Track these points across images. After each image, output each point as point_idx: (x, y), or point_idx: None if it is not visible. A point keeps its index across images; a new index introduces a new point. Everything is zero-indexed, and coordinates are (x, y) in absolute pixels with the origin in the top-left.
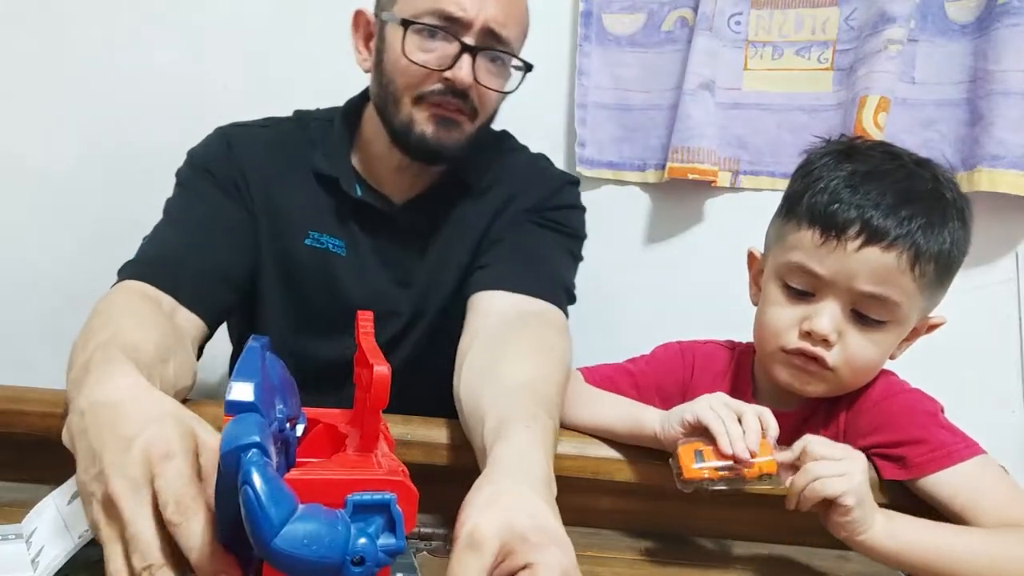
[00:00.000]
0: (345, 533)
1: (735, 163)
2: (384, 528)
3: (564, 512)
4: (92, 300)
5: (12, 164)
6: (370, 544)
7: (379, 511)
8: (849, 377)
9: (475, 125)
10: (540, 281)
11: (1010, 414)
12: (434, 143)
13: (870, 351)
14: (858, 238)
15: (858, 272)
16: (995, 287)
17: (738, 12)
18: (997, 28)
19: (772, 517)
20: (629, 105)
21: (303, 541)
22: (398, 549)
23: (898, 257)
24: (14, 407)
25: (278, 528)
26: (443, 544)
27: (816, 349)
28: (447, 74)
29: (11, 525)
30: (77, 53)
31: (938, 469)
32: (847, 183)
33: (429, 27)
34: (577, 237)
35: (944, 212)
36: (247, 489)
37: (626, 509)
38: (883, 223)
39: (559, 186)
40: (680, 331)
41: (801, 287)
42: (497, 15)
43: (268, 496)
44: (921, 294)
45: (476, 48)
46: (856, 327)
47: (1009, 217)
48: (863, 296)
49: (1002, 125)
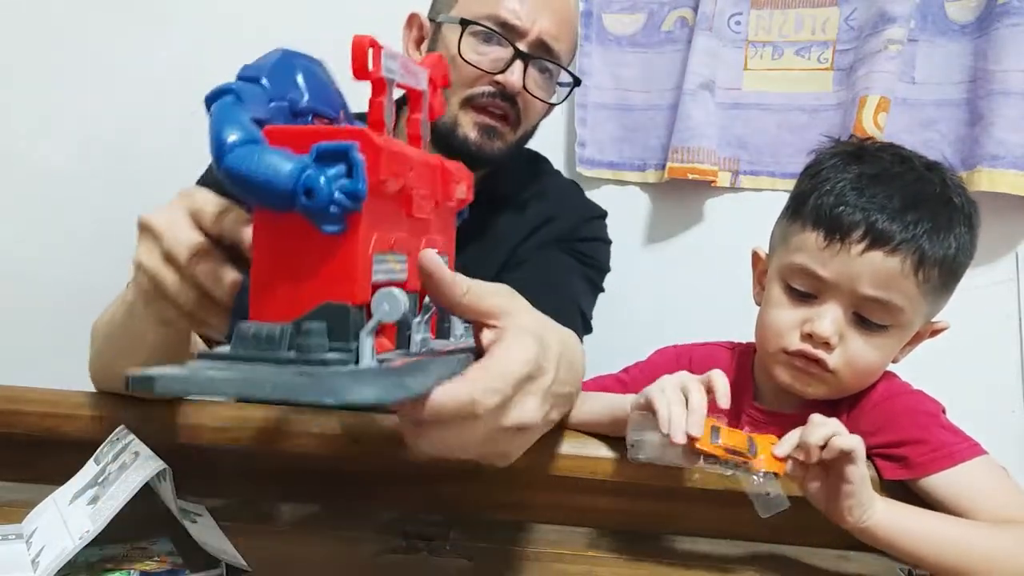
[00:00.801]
0: (299, 166)
1: (735, 163)
2: (344, 174)
3: (564, 512)
4: (92, 300)
5: (12, 164)
6: (321, 178)
7: (341, 158)
8: (850, 380)
9: (516, 135)
10: (555, 305)
11: (1010, 414)
12: (475, 149)
13: (871, 355)
14: (862, 241)
15: (861, 275)
16: (995, 287)
17: (738, 12)
18: (997, 28)
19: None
20: (629, 105)
21: (253, 164)
22: (355, 189)
23: (902, 262)
24: (14, 407)
25: (229, 148)
26: (443, 544)
27: (817, 352)
28: (498, 77)
29: (11, 525)
30: (77, 52)
31: (940, 469)
32: (854, 185)
33: (486, 30)
34: (600, 269)
35: (951, 217)
36: (209, 116)
37: (625, 509)
38: (888, 227)
39: (589, 218)
40: (680, 331)
41: (804, 289)
42: (551, 28)
43: (223, 120)
44: (924, 299)
45: (528, 56)
46: (858, 331)
47: (1009, 217)
48: (866, 300)
49: (1002, 125)
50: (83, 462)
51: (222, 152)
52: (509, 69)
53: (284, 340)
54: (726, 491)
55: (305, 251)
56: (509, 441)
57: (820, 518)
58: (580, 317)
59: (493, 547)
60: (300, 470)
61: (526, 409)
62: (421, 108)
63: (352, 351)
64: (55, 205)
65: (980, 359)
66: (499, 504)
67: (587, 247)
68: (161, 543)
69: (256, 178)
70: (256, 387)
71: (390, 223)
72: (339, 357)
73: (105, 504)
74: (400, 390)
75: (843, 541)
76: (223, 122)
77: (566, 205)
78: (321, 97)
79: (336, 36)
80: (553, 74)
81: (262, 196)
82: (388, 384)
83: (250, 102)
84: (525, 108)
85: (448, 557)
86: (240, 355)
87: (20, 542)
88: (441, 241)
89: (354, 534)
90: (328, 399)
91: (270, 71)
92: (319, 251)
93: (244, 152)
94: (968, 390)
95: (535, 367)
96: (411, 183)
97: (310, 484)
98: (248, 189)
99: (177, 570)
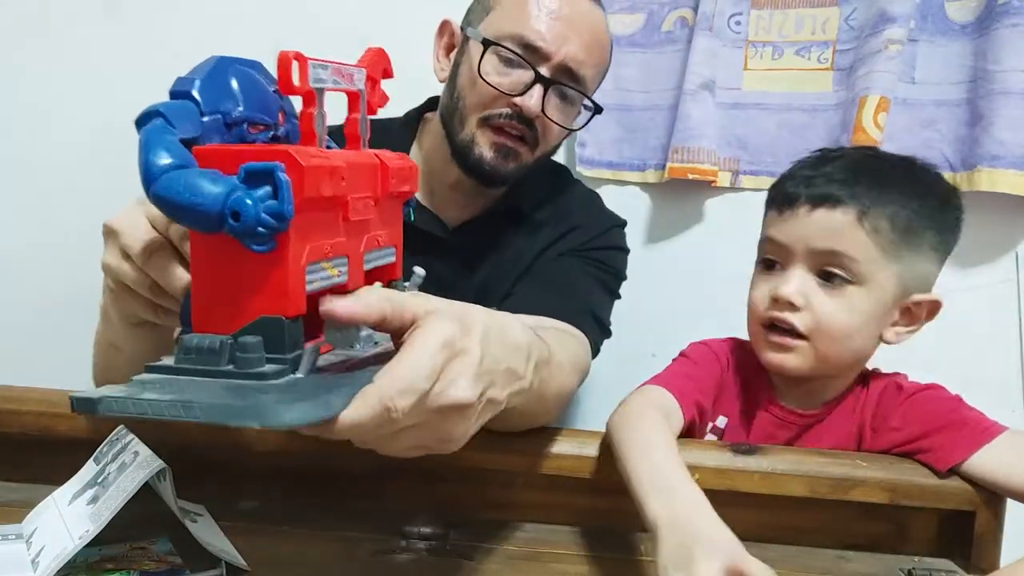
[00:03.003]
0: (226, 189)
1: (735, 163)
2: (271, 195)
3: (562, 512)
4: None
5: (12, 164)
6: (247, 201)
7: (267, 179)
8: (827, 347)
9: (534, 156)
10: (568, 308)
11: (1010, 414)
12: (489, 168)
13: (841, 315)
14: (807, 204)
15: (812, 233)
16: (995, 287)
17: (738, 12)
18: (997, 28)
19: (772, 517)
20: (629, 105)
21: (181, 189)
22: (280, 211)
23: (844, 213)
24: (12, 407)
25: (157, 175)
26: (443, 544)
27: (784, 315)
28: (516, 100)
29: (11, 525)
30: (78, 52)
31: (970, 452)
32: (807, 165)
33: (509, 52)
34: (617, 276)
35: (903, 181)
36: (139, 142)
37: (625, 509)
38: (827, 188)
39: (608, 227)
40: (679, 331)
41: (770, 256)
42: (577, 54)
43: (150, 146)
44: (883, 254)
45: (549, 80)
46: (824, 291)
47: (1009, 217)
48: (821, 255)
49: (1002, 125)
50: (82, 462)
51: (150, 179)
52: (528, 93)
53: (224, 353)
54: (726, 491)
55: (239, 268)
56: (450, 426)
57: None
58: (594, 321)
59: (493, 547)
60: (300, 470)
61: (457, 389)
62: (359, 108)
63: (287, 362)
64: (54, 205)
65: (980, 359)
66: (498, 504)
67: (604, 255)
68: (161, 543)
69: (184, 203)
70: (188, 411)
71: (325, 231)
72: (275, 369)
73: (105, 504)
74: (324, 409)
75: (843, 541)
76: (150, 148)
77: (586, 216)
78: (257, 104)
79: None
80: (576, 99)
81: (192, 220)
82: (311, 406)
83: (181, 120)
84: (544, 131)
85: (447, 557)
86: (183, 367)
87: (20, 542)
88: (385, 235)
89: (354, 534)
90: (253, 423)
91: (203, 82)
92: (252, 268)
93: (172, 177)
94: (968, 390)
95: (452, 349)
96: (344, 190)
97: (310, 484)
98: (178, 214)
99: (177, 570)
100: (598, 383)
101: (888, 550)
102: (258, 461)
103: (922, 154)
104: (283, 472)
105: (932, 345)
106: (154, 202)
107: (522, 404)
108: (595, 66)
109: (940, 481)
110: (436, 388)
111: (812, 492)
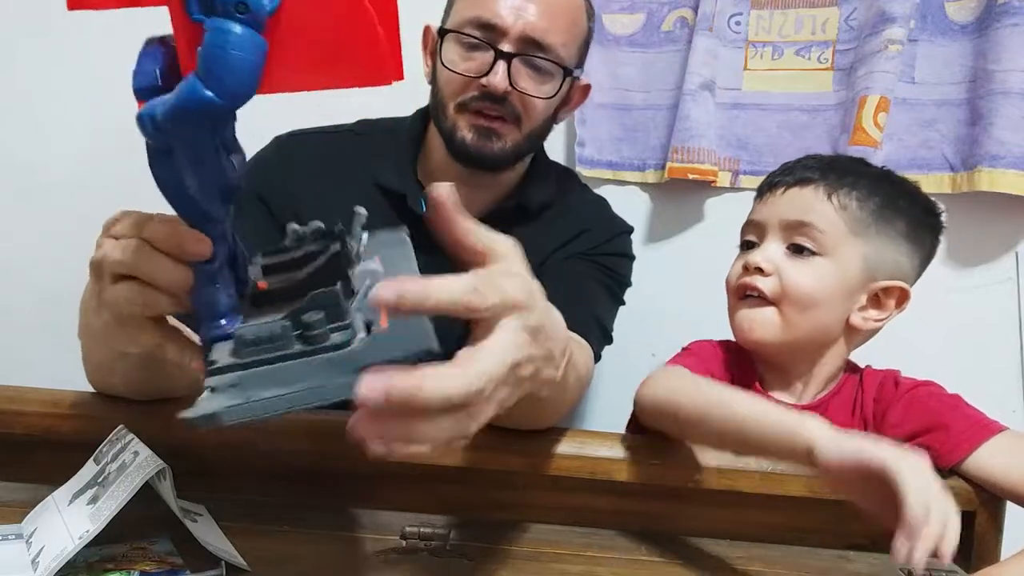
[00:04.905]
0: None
1: (735, 163)
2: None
3: (564, 512)
4: None
5: (12, 164)
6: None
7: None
8: (791, 313)
9: (522, 132)
10: (575, 315)
11: (1010, 414)
12: (474, 150)
13: (806, 280)
14: (784, 186)
15: (784, 208)
16: (995, 287)
17: (738, 12)
18: (997, 28)
19: (772, 517)
20: (629, 105)
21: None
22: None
23: (815, 190)
24: (13, 407)
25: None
26: (443, 544)
27: (753, 279)
28: (483, 80)
29: (11, 525)
30: (78, 53)
31: (971, 450)
32: (791, 161)
33: (466, 37)
34: (622, 283)
35: (876, 175)
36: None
37: (626, 509)
38: (804, 173)
39: (618, 233)
40: (679, 331)
41: (749, 237)
42: (538, 21)
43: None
44: (850, 231)
45: (510, 55)
46: (792, 260)
47: (1009, 217)
48: (791, 226)
49: (1002, 125)
50: (82, 462)
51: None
52: (493, 71)
53: (289, 335)
54: (727, 491)
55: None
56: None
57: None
58: (599, 330)
59: (493, 547)
60: (300, 470)
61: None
62: None
63: (348, 327)
64: (55, 205)
65: (980, 359)
66: (499, 504)
67: (613, 261)
68: (161, 543)
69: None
70: (319, 394)
71: None
72: (343, 337)
73: (105, 504)
74: (424, 341)
75: (843, 541)
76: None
77: (596, 220)
78: None
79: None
80: (550, 68)
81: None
82: (410, 341)
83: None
84: (524, 106)
85: (448, 557)
86: (251, 361)
87: (20, 542)
88: None
89: (354, 534)
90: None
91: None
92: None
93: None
94: (968, 390)
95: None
96: None
97: (310, 484)
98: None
99: (177, 570)
100: (598, 383)
101: (888, 550)
102: (258, 461)
103: (922, 154)
104: (283, 472)
105: (932, 345)
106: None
107: (550, 396)
108: (563, 31)
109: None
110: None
111: (812, 492)
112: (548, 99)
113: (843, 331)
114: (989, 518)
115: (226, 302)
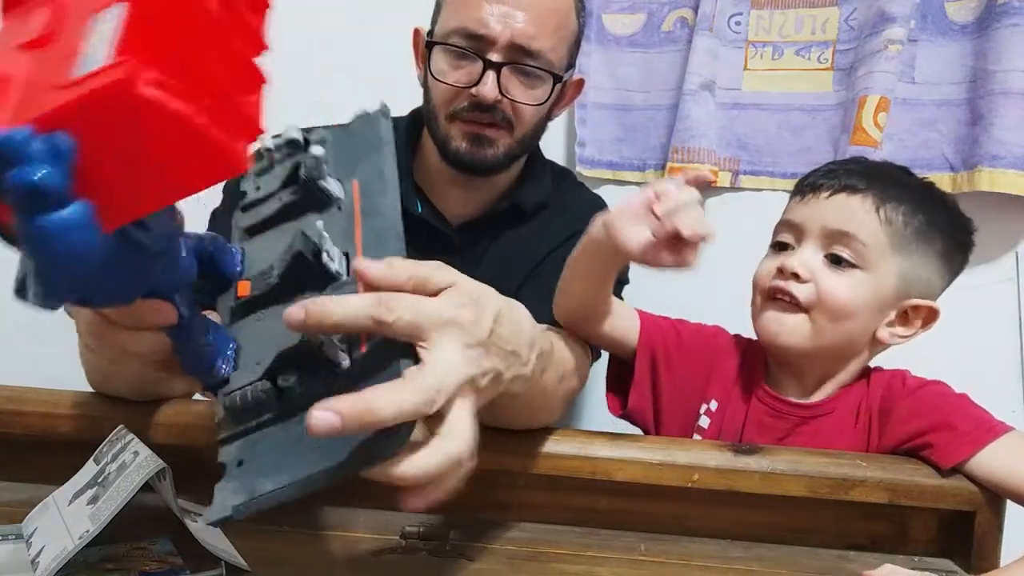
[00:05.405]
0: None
1: (735, 163)
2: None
3: (564, 512)
4: None
5: None
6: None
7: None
8: (823, 323)
9: (515, 138)
10: None
11: (1010, 414)
12: (468, 158)
13: (843, 292)
14: (829, 189)
15: (828, 214)
16: (995, 287)
17: (738, 12)
18: (997, 28)
19: (772, 517)
20: (629, 105)
21: None
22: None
23: (863, 200)
24: (13, 407)
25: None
26: (443, 544)
27: (788, 284)
28: (473, 91)
29: (11, 525)
30: None
31: (975, 450)
32: (834, 163)
33: (455, 47)
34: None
35: (921, 190)
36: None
37: (625, 509)
38: (850, 180)
39: None
40: None
41: (783, 240)
42: (526, 28)
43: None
44: (891, 246)
45: (499, 64)
46: (830, 269)
47: (1009, 217)
48: (833, 235)
49: (1002, 125)
50: (83, 462)
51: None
52: (482, 80)
53: (272, 398)
54: (726, 491)
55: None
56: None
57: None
58: None
59: (493, 547)
60: None
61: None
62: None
63: (345, 347)
64: None
65: (980, 359)
66: (499, 504)
67: None
68: (161, 543)
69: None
70: (324, 477)
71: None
72: (349, 362)
73: (105, 504)
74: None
75: (843, 541)
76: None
77: (588, 221)
78: None
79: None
80: (540, 74)
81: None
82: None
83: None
84: (515, 112)
85: (448, 557)
86: (250, 427)
87: (20, 542)
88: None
89: (354, 534)
90: (387, 453)
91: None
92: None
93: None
94: (968, 390)
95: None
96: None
97: None
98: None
99: (177, 570)
100: (598, 382)
101: (888, 550)
102: None
103: (922, 154)
104: None
105: (933, 345)
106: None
107: (524, 392)
108: (551, 35)
109: (940, 481)
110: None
111: (812, 492)
112: (539, 105)
113: (868, 343)
114: (990, 518)
115: (211, 349)
